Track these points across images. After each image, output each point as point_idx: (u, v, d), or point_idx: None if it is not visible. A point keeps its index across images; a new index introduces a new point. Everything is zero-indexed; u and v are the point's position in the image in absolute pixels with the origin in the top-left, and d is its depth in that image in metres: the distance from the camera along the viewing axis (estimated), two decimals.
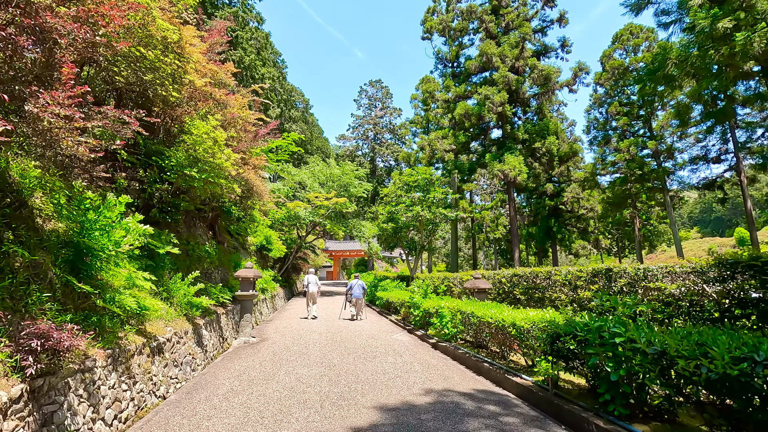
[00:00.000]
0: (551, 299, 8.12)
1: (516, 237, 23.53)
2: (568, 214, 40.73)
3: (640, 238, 34.11)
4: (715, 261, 4.89)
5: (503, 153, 23.00)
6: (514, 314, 6.53)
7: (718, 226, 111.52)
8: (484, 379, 6.59)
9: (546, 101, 26.94)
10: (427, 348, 9.43)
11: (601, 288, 6.76)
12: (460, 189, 29.71)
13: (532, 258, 58.09)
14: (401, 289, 19.72)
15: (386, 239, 23.22)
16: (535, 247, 46.96)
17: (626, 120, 28.93)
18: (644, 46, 29.54)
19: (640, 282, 6.01)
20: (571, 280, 7.54)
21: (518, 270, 9.77)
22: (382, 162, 53.08)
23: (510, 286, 9.93)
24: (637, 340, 3.97)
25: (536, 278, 8.81)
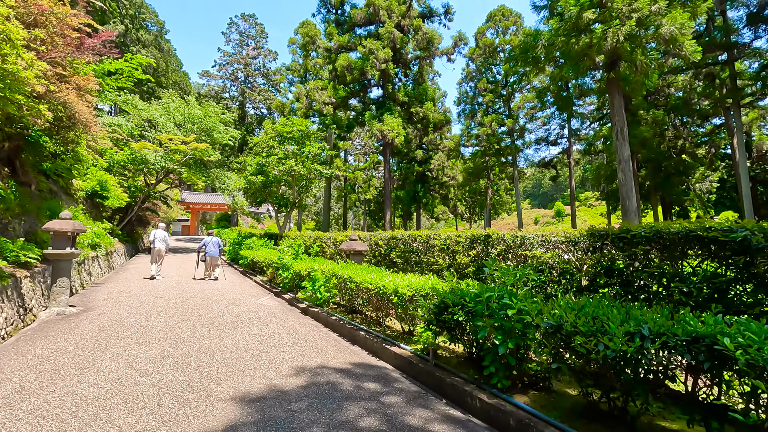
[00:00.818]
0: (429, 264, 8.03)
1: (389, 199, 23.98)
2: (434, 181, 43.49)
3: (490, 207, 38.50)
4: (588, 232, 5.08)
5: (383, 113, 22.77)
6: (395, 280, 6.12)
7: (544, 200, 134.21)
8: (359, 350, 6.12)
9: (427, 66, 27.37)
10: (296, 314, 8.64)
11: (478, 254, 6.78)
12: (337, 146, 28.84)
13: (398, 220, 61.35)
14: (269, 248, 18.37)
15: (254, 193, 21.23)
16: (401, 210, 49.44)
17: (491, 97, 31.43)
18: (512, 29, 32.01)
19: (516, 249, 6.11)
20: (450, 245, 7.48)
21: (396, 233, 9.51)
22: (254, 109, 48.49)
23: (387, 249, 9.66)
24: (530, 312, 3.80)
25: (414, 242, 8.63)
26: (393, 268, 9.36)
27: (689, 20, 12.48)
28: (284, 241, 18.44)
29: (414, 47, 26.36)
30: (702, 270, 3.93)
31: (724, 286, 3.71)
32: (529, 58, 15.25)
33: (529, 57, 15.13)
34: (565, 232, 5.41)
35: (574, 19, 12.62)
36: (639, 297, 4.40)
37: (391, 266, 9.49)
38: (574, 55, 13.36)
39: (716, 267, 3.85)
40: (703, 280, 3.84)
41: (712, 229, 3.82)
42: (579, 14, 12.48)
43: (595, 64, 13.71)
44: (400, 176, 46.72)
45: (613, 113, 15.04)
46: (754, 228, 3.57)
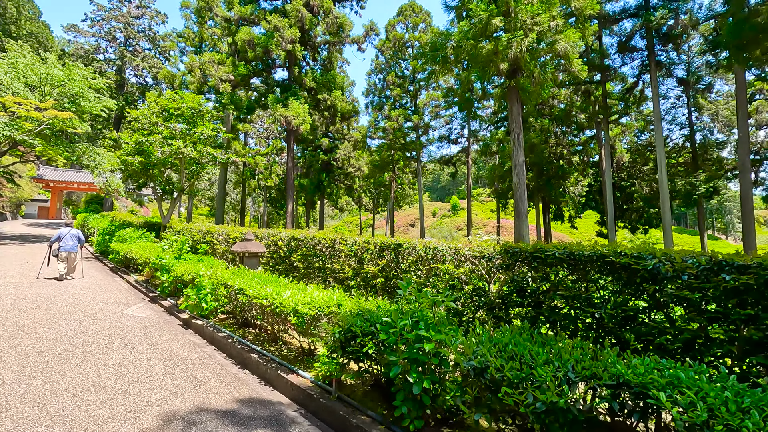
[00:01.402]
0: (333, 270, 7.36)
1: (291, 189, 22.65)
2: (339, 171, 42.78)
3: (394, 199, 39.14)
4: (502, 249, 4.88)
5: (288, 97, 21.23)
6: (295, 295, 5.35)
7: (442, 194, 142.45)
8: (250, 377, 5.24)
9: (336, 53, 26.34)
10: (175, 328, 7.32)
11: (388, 263, 6.31)
12: (235, 128, 26.35)
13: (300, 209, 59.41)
14: (149, 242, 15.98)
15: (132, 175, 18.29)
16: (305, 198, 47.90)
17: (399, 91, 31.62)
18: (422, 26, 32.50)
19: (428, 261, 5.76)
20: (357, 251, 6.90)
21: (298, 233, 8.65)
22: (136, 77, 42.24)
23: (288, 251, 8.75)
24: (450, 346, 3.37)
25: (318, 245, 7.88)
26: (293, 272, 8.50)
27: (579, 40, 13.56)
28: (168, 233, 16.18)
29: (324, 31, 25.14)
30: (613, 296, 3.91)
31: (633, 314, 3.71)
32: (438, 58, 15.29)
33: (439, 56, 15.18)
34: (479, 246, 5.18)
35: (482, 24, 12.87)
36: (550, 319, 4.30)
37: (291, 270, 8.62)
38: (481, 59, 13.68)
39: (628, 294, 3.85)
40: (615, 307, 3.81)
41: (624, 255, 3.79)
42: (488, 20, 12.76)
43: (499, 71, 14.22)
44: (305, 164, 45.06)
45: (511, 120, 15.85)
46: (662, 257, 3.58)
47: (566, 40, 13.08)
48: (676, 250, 3.78)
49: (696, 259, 3.40)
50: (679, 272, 3.44)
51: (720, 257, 3.31)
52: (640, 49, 23.39)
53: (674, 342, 3.42)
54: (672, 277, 3.48)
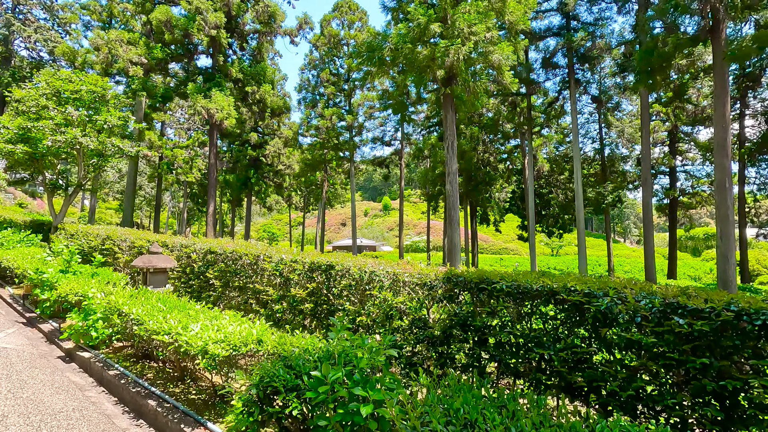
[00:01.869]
0: (256, 291, 6.51)
1: (214, 187, 20.77)
2: (268, 168, 40.80)
3: (326, 199, 38.14)
4: (445, 276, 4.47)
5: (211, 87, 19.36)
6: (207, 329, 4.49)
7: (373, 194, 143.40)
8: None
9: (267, 44, 24.75)
10: (54, 363, 5.99)
11: (319, 287, 5.64)
12: (149, 117, 23.67)
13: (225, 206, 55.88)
14: (33, 246, 13.60)
15: (15, 165, 15.50)
16: (231, 195, 45.11)
17: (333, 89, 30.75)
18: (358, 24, 31.91)
19: (362, 286, 5.19)
20: (284, 271, 6.13)
21: (216, 245, 7.62)
22: (27, 50, 36.48)
23: (203, 266, 7.67)
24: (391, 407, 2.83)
25: (239, 260, 6.96)
26: (209, 291, 7.46)
27: (512, 53, 13.89)
28: (58, 236, 13.89)
29: (253, 18, 23.48)
30: (563, 335, 3.65)
31: (584, 356, 3.47)
32: (375, 59, 14.82)
33: (375, 57, 14.71)
34: (420, 272, 4.72)
35: (421, 29, 12.63)
36: (496, 357, 3.95)
37: (206, 288, 7.56)
38: (417, 64, 13.44)
39: (578, 334, 3.60)
40: (565, 348, 3.54)
41: (575, 291, 3.54)
42: (426, 25, 12.54)
43: (435, 77, 14.10)
44: (231, 159, 42.36)
45: (445, 128, 15.87)
46: (615, 295, 3.36)
47: (500, 52, 13.29)
48: (626, 282, 3.61)
49: (649, 300, 3.22)
50: (633, 314, 3.24)
51: (672, 298, 3.15)
52: (561, 67, 24.97)
53: (626, 389, 3.21)
54: (624, 319, 3.27)
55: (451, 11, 12.90)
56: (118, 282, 7.42)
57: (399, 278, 4.86)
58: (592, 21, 23.85)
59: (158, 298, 6.01)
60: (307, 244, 79.00)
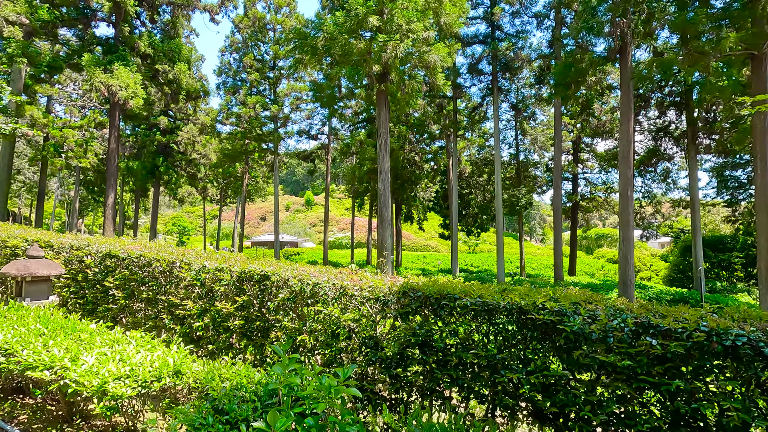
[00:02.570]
0: (171, 306, 5.50)
1: (114, 176, 18.05)
2: (180, 156, 37.42)
3: (246, 192, 35.85)
4: (400, 290, 4.04)
5: (113, 61, 16.68)
6: (105, 363, 3.55)
7: (295, 188, 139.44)
8: None
9: (183, 19, 22.23)
10: None
11: (250, 301, 4.87)
12: (31, 89, 19.92)
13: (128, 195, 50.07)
14: None
15: None
16: (134, 185, 40.66)
17: (257, 76, 28.83)
18: (285, 10, 30.26)
19: (304, 301, 4.56)
20: (207, 281, 5.24)
21: (118, 248, 6.38)
22: None
23: (100, 273, 6.38)
24: None
25: (148, 267, 5.86)
26: (108, 304, 6.22)
27: (447, 56, 13.95)
28: None
29: None
30: (532, 356, 3.41)
31: (555, 380, 3.26)
32: (307, 47, 13.96)
33: (308, 46, 13.86)
34: (372, 285, 4.23)
35: (359, 20, 12.07)
36: (458, 381, 3.62)
37: (104, 300, 6.30)
38: (353, 57, 12.88)
39: (549, 356, 3.38)
40: (534, 371, 3.30)
41: (545, 309, 3.31)
42: (365, 17, 12.02)
43: (371, 72, 13.66)
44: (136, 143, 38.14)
45: (379, 125, 15.53)
46: (586, 314, 3.19)
47: (436, 53, 13.26)
48: (590, 296, 3.48)
49: (621, 320, 3.09)
50: (604, 334, 3.09)
51: (645, 316, 3.04)
52: (486, 74, 26.08)
53: (598, 414, 3.05)
54: (597, 340, 3.11)
55: (390, 5, 12.54)
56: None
57: (347, 291, 4.32)
58: (515, 33, 25.23)
59: (37, 316, 4.77)
60: (223, 239, 74.28)
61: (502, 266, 24.51)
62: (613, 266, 46.53)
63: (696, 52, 11.90)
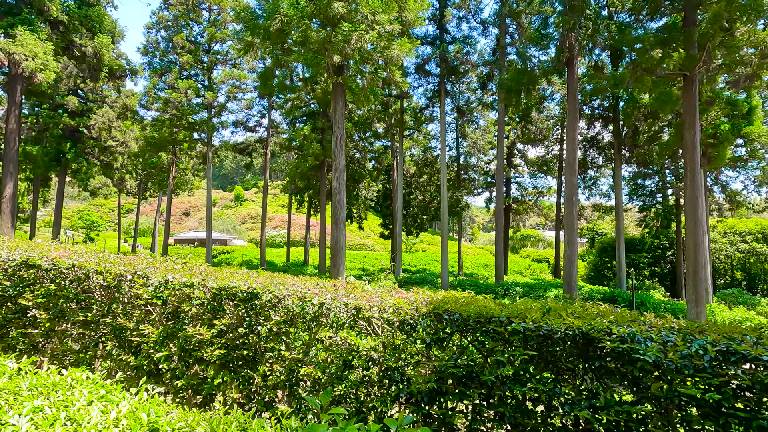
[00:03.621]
0: (119, 330, 4.36)
1: (14, 162, 14.93)
2: (93, 143, 33.31)
3: (173, 186, 32.66)
4: (432, 311, 3.45)
5: (15, 24, 13.76)
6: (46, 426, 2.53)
7: (223, 182, 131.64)
8: None
9: None
10: None
11: (234, 325, 3.96)
12: None
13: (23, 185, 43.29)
14: None
15: None
16: (34, 173, 35.39)
17: (190, 59, 26.23)
18: None
19: (308, 323, 3.77)
20: (172, 300, 4.21)
21: (38, 255, 5.01)
22: None
23: (13, 288, 4.96)
24: None
25: (87, 281, 4.64)
26: (25, 328, 4.85)
27: (409, 51, 13.54)
28: None
29: None
30: (602, 391, 3.00)
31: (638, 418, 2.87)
32: (260, 29, 12.74)
33: (261, 28, 12.64)
34: (395, 305, 3.59)
35: (323, 4, 11.17)
36: (510, 420, 3.11)
37: (18, 323, 4.91)
38: (314, 44, 11.94)
39: (622, 390, 3.00)
40: (606, 405, 2.90)
41: (611, 335, 2.93)
42: (329, 2, 11.14)
43: (329, 62, 12.81)
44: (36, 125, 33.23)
45: (335, 119, 14.72)
46: (659, 340, 2.85)
47: (400, 48, 12.78)
48: (627, 316, 3.17)
49: (699, 347, 2.79)
50: (683, 363, 2.77)
51: (723, 342, 2.77)
52: (434, 75, 26.21)
53: None
54: (674, 370, 2.78)
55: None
56: None
57: (363, 313, 3.63)
58: (461, 38, 25.63)
59: None
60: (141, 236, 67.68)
61: (447, 267, 24.83)
62: (539, 265, 49.73)
63: (640, 70, 12.67)
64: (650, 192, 32.50)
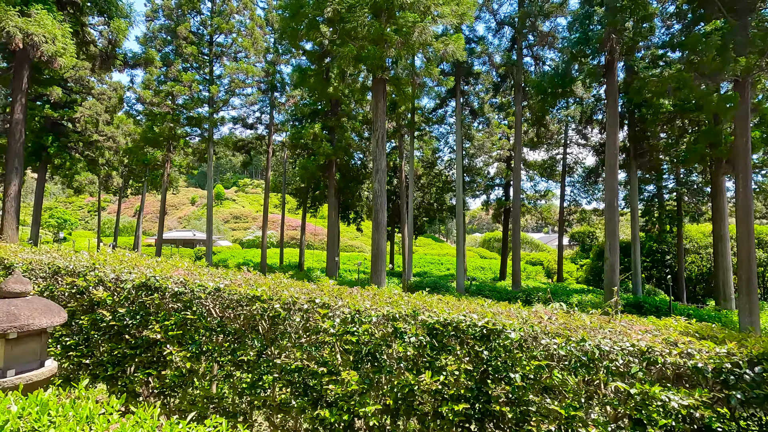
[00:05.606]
0: (293, 372, 3.45)
1: (20, 156, 13.10)
2: (77, 136, 31.13)
3: (167, 184, 30.82)
4: (758, 356, 2.74)
5: (29, 2, 12.12)
6: None
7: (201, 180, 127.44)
8: None
9: None
10: None
11: (468, 366, 3.14)
12: None
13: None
14: None
15: None
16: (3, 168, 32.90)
17: (194, 50, 24.70)
18: None
19: (594, 371, 2.98)
20: (365, 336, 3.34)
21: (163, 277, 4.03)
22: None
23: (130, 315, 3.95)
24: None
25: (239, 309, 3.70)
26: (150, 370, 3.85)
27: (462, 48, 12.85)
28: None
29: None
30: None
31: None
32: (306, 18, 11.76)
33: (309, 16, 11.66)
34: (686, 347, 2.85)
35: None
36: None
37: (135, 362, 3.90)
38: (371, 36, 11.05)
39: None
40: None
41: None
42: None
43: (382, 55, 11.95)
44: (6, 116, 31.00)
45: (376, 118, 13.89)
46: None
47: (456, 43, 12.07)
48: None
49: None
50: None
51: None
52: (448, 75, 25.62)
53: None
54: None
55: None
56: None
57: (655, 358, 2.88)
58: (476, 39, 25.16)
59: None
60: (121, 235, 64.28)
61: (463, 271, 24.25)
62: (534, 268, 50.05)
63: (700, 73, 12.40)
64: (651, 197, 32.97)
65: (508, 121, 34.99)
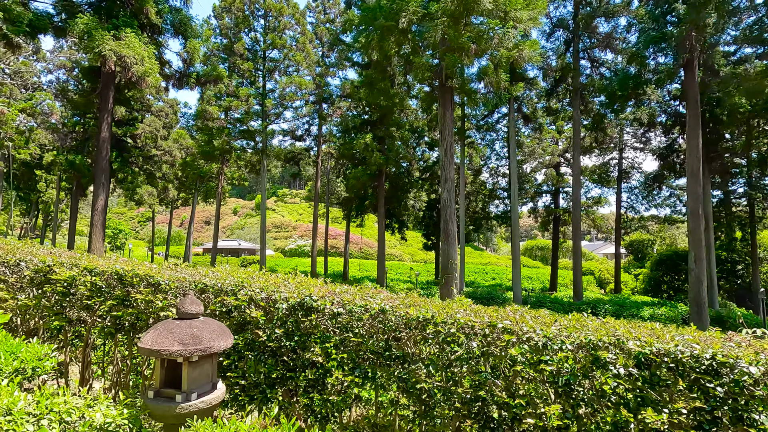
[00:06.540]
0: (487, 404, 3.20)
1: (106, 172, 13.70)
2: (137, 151, 32.78)
3: (221, 195, 31.83)
4: None
5: (119, 27, 12.77)
6: None
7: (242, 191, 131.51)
8: None
9: None
10: None
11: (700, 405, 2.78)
12: None
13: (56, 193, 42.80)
14: None
15: None
16: (68, 182, 35.31)
17: (251, 66, 25.49)
18: None
19: None
20: (557, 365, 3.04)
21: (321, 298, 3.91)
22: None
23: (289, 337, 3.85)
24: None
25: (407, 331, 3.50)
26: (319, 395, 3.73)
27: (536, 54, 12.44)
28: None
29: None
30: None
31: None
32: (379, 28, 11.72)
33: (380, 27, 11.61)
34: None
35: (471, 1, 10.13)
36: None
37: (300, 382, 3.79)
38: (453, 45, 10.86)
39: None
40: None
41: None
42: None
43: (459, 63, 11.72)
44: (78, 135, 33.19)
45: (443, 128, 13.64)
46: None
47: (530, 48, 11.69)
48: None
49: None
50: None
51: None
52: None
53: None
54: None
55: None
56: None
57: None
58: None
59: None
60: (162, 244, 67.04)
61: (518, 281, 23.44)
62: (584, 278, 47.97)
63: None
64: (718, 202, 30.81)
65: (556, 126, 33.90)
